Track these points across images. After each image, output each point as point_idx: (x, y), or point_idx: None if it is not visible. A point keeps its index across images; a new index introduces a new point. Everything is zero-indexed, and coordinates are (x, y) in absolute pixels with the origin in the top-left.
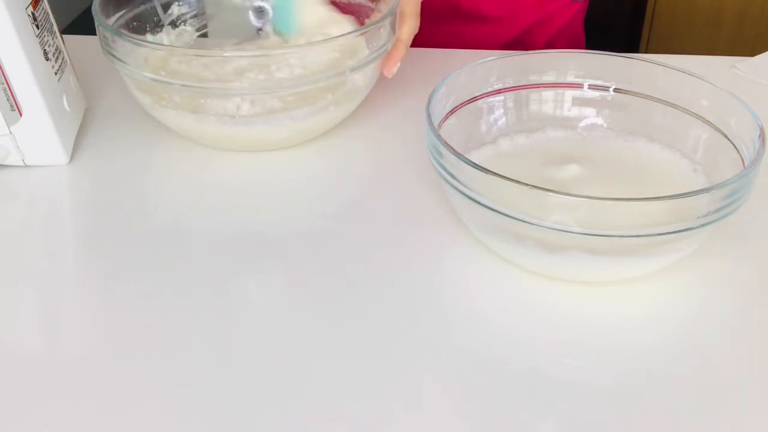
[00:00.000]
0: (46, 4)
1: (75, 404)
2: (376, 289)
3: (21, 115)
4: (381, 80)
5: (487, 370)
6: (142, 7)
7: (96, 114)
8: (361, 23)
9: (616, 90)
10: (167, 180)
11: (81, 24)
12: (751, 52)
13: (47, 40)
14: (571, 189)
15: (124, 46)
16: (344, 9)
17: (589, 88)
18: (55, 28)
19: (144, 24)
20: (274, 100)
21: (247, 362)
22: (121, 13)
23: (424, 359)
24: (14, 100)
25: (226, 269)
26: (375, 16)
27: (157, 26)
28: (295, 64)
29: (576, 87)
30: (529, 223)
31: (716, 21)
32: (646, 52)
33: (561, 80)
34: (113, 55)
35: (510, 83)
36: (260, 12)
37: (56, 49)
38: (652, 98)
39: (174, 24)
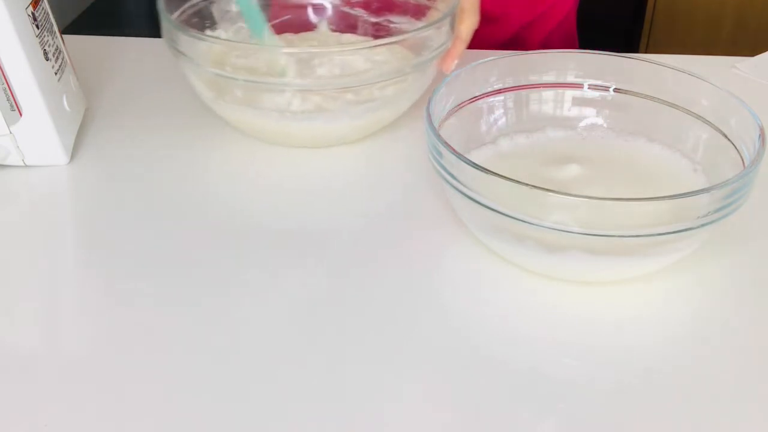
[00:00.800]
0: (46, 4)
1: (75, 404)
2: (376, 289)
3: (21, 115)
4: None
5: (487, 370)
6: (201, 5)
7: (96, 114)
8: (417, 20)
9: (616, 90)
10: (167, 180)
11: (81, 24)
12: (751, 52)
13: (47, 40)
14: (571, 189)
15: (189, 41)
16: (402, 7)
17: (589, 88)
18: (55, 28)
19: (202, 21)
20: (348, 94)
21: (247, 362)
22: (181, 9)
23: (424, 359)
24: (14, 100)
25: (226, 269)
26: (432, 14)
27: (214, 24)
28: (355, 62)
29: (576, 87)
30: (529, 223)
31: (716, 21)
32: (646, 52)
33: (561, 80)
34: (178, 50)
35: (510, 83)
36: (317, 9)
37: (56, 49)
38: (652, 98)
39: (231, 21)
